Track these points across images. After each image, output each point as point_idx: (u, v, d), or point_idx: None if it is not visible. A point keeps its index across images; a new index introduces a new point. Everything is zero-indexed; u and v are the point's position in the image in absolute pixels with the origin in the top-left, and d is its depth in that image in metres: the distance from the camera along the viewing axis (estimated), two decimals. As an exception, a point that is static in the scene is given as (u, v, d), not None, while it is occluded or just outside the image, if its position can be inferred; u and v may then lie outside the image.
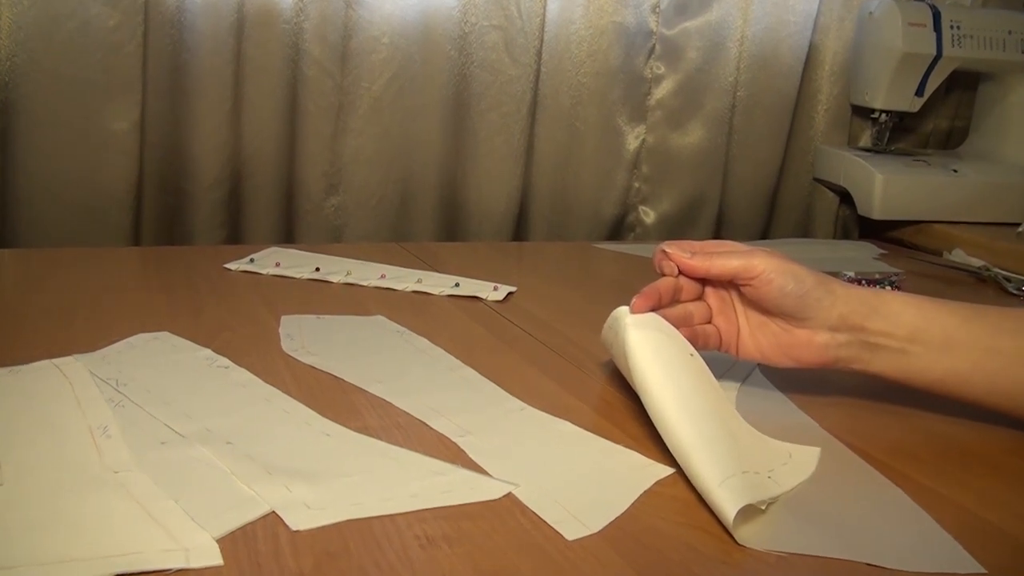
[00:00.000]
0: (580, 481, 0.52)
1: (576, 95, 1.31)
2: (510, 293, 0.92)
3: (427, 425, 0.59)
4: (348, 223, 1.24)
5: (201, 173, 1.14)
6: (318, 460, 0.54)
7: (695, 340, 0.63)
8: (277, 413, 0.60)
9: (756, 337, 0.64)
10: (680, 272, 0.64)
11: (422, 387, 0.65)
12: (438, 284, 0.93)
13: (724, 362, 0.71)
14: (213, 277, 0.93)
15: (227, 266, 0.96)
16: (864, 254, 1.25)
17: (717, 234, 1.43)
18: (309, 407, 0.61)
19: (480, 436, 0.58)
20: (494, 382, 0.67)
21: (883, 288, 0.97)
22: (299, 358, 0.70)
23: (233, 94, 1.14)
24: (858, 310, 0.61)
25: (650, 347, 0.57)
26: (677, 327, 0.61)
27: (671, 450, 0.53)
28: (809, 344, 0.62)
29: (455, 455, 0.56)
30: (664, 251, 0.64)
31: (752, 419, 0.59)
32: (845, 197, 1.45)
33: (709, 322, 0.66)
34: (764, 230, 1.46)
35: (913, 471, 0.57)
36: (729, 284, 0.65)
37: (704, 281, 0.65)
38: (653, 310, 0.61)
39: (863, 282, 1.01)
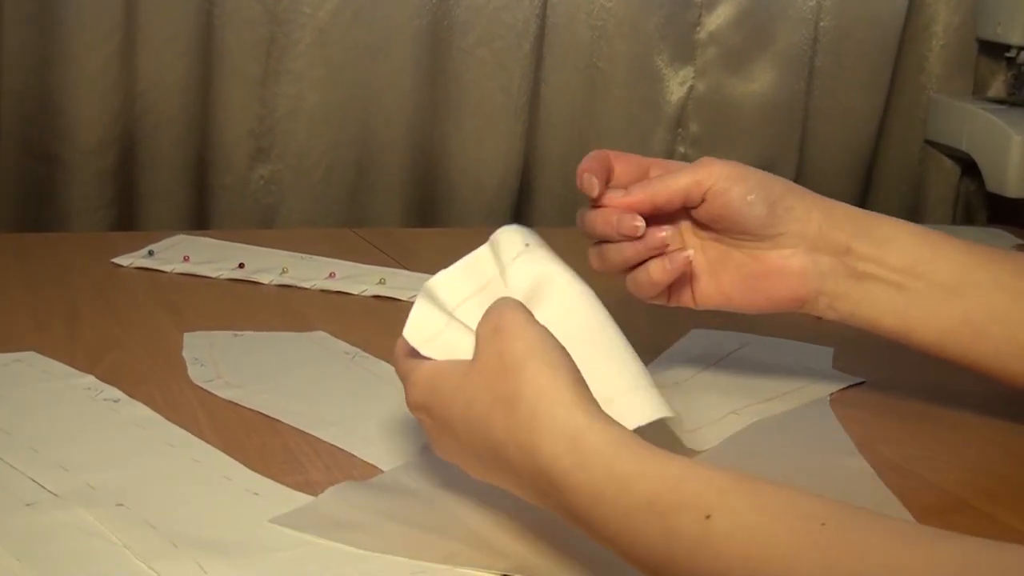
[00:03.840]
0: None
1: (598, 24, 1.31)
2: (507, 299, 0.93)
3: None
4: (283, 201, 1.24)
5: (79, 132, 1.14)
6: (242, 528, 0.53)
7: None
8: (185, 463, 0.60)
9: (717, 275, 0.67)
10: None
11: (384, 430, 0.65)
12: (408, 286, 0.93)
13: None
14: (97, 276, 0.93)
15: (116, 260, 0.96)
16: (993, 245, 1.25)
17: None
18: (229, 455, 0.61)
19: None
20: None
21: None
22: (215, 392, 0.70)
23: (124, 23, 1.14)
24: (842, 225, 0.65)
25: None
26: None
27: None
28: (783, 272, 0.65)
29: (431, 522, 0.56)
30: (591, 198, 0.66)
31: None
32: (969, 167, 1.45)
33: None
34: (857, 212, 1.46)
35: None
36: (678, 212, 0.67)
37: (649, 219, 0.66)
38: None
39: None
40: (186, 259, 0.96)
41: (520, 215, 1.33)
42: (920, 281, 0.64)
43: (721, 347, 0.82)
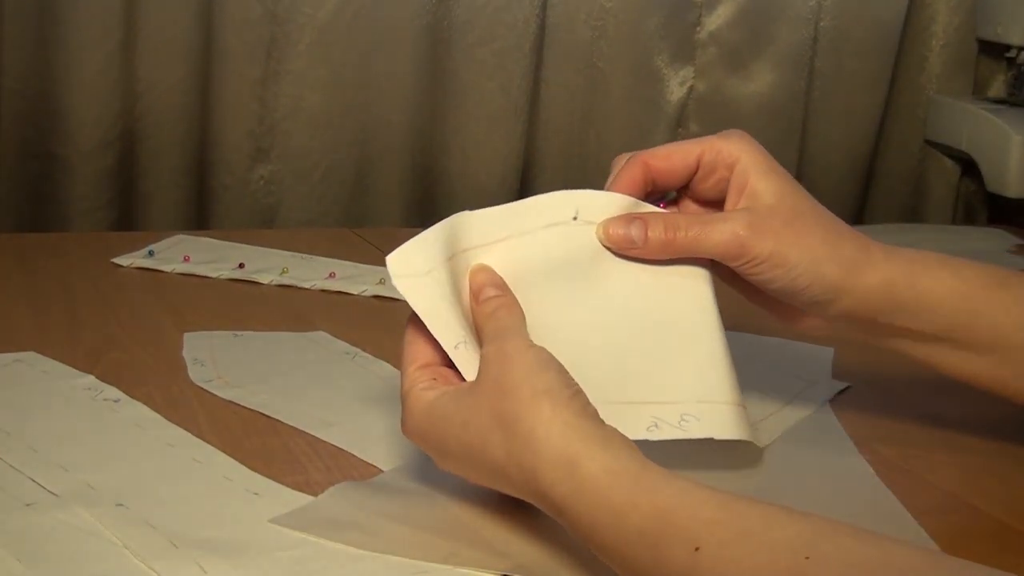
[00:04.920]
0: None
1: (598, 24, 1.31)
2: (507, 299, 0.93)
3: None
4: (283, 202, 1.25)
5: (80, 132, 1.14)
6: (242, 528, 0.53)
7: None
8: (185, 463, 0.60)
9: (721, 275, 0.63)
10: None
11: (384, 430, 0.66)
12: (407, 286, 0.93)
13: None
14: (97, 276, 0.93)
15: (116, 261, 0.96)
16: (994, 246, 1.25)
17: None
18: (229, 455, 0.61)
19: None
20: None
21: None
22: (215, 392, 0.70)
23: (123, 23, 1.14)
24: (881, 305, 0.60)
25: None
26: None
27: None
28: (792, 319, 0.63)
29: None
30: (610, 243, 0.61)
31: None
32: (969, 167, 1.45)
33: None
34: (857, 211, 1.46)
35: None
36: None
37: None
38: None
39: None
40: (186, 259, 0.96)
41: (520, 215, 1.33)
42: (947, 344, 0.62)
43: None
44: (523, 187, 1.32)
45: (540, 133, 1.32)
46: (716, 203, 0.62)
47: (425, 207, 1.30)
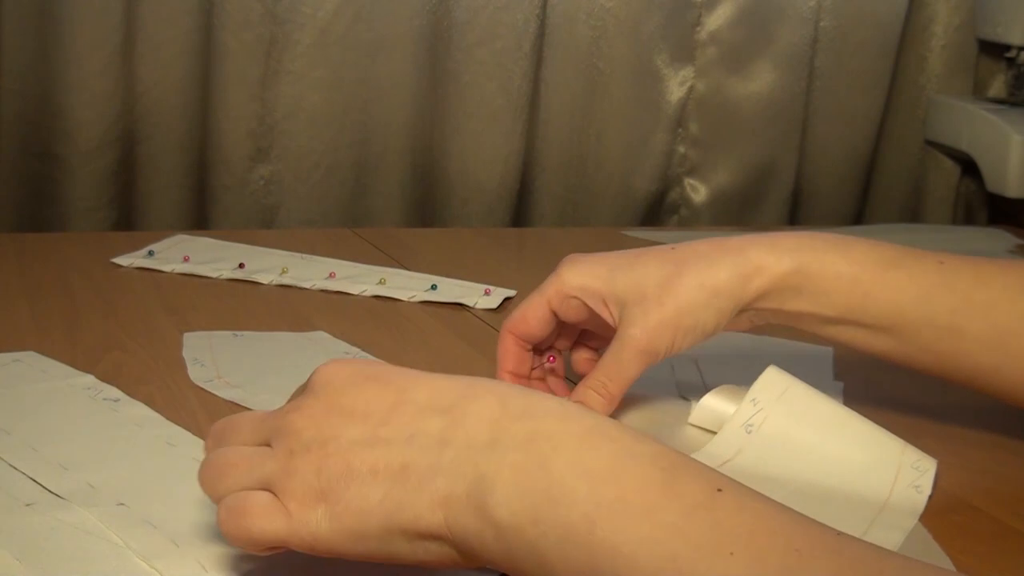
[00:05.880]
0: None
1: (598, 24, 1.31)
2: (507, 299, 0.93)
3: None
4: (283, 202, 1.25)
5: (80, 132, 1.15)
6: (243, 528, 0.54)
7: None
8: (186, 463, 0.60)
9: None
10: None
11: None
12: (408, 286, 0.93)
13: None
14: (97, 276, 0.93)
15: (116, 260, 0.96)
16: (995, 246, 1.26)
17: (792, 217, 1.43)
18: (230, 455, 0.61)
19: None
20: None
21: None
22: (215, 392, 0.70)
23: (124, 23, 1.14)
24: (780, 298, 0.63)
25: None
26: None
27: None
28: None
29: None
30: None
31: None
32: (969, 167, 1.45)
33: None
34: (857, 212, 1.46)
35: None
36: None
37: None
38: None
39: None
40: (186, 259, 0.96)
41: (520, 215, 1.33)
42: (849, 326, 0.64)
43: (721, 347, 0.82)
44: (523, 187, 1.32)
45: (540, 133, 1.32)
46: (604, 324, 0.65)
47: (425, 207, 1.30)
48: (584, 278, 0.65)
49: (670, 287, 0.62)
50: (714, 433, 0.65)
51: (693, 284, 0.62)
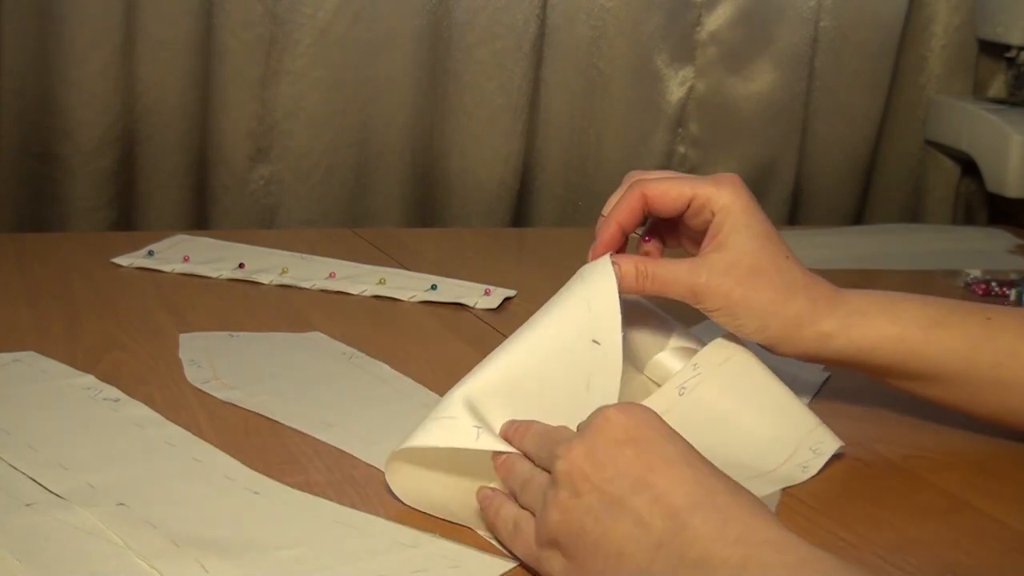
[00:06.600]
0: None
1: (598, 25, 1.31)
2: (507, 299, 0.93)
3: (393, 480, 0.59)
4: (283, 202, 1.25)
5: (80, 132, 1.15)
6: (243, 527, 0.54)
7: None
8: (186, 463, 0.60)
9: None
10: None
11: (384, 431, 0.66)
12: (408, 286, 0.93)
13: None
14: (96, 275, 0.93)
15: (116, 260, 0.96)
16: (995, 245, 1.26)
17: (792, 217, 1.43)
18: (230, 455, 0.61)
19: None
20: (485, 421, 0.67)
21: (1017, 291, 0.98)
22: (213, 393, 0.70)
23: (124, 23, 1.14)
24: (819, 353, 0.65)
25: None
26: None
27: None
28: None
29: (431, 521, 0.56)
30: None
31: None
32: (969, 167, 1.45)
33: None
34: (858, 211, 1.46)
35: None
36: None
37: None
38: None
39: (992, 285, 1.01)
40: (186, 259, 0.96)
41: (520, 215, 1.33)
42: (891, 377, 0.67)
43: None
44: (523, 187, 1.32)
45: (540, 133, 1.32)
46: (700, 236, 0.67)
47: (425, 207, 1.30)
48: (736, 205, 0.65)
49: (758, 276, 0.64)
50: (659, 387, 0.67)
51: (768, 295, 0.64)
